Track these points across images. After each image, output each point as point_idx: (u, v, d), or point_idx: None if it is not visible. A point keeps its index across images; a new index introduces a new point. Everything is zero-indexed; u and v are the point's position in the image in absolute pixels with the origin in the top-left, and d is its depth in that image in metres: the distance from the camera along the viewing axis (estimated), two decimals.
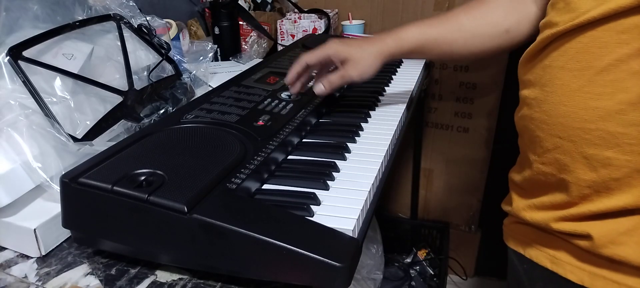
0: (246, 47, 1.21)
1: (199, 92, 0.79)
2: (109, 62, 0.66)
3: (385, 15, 1.34)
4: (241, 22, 1.20)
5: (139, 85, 0.67)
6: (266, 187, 0.51)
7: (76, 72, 0.60)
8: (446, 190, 1.51)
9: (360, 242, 0.43)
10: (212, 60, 1.00)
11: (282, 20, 1.25)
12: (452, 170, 1.46)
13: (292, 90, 0.70)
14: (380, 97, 0.81)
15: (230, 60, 1.14)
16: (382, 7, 1.33)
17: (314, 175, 0.52)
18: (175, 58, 0.79)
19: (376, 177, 0.53)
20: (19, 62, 0.54)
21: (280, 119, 0.61)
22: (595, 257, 0.47)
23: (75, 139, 0.55)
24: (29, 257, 0.51)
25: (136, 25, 0.72)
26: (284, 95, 0.70)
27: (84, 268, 0.48)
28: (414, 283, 1.39)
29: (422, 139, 1.45)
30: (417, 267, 1.44)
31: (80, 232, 0.48)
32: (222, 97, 0.67)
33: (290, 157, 0.58)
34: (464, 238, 1.53)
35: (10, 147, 0.52)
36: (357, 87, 0.86)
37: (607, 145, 0.43)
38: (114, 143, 0.52)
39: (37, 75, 0.56)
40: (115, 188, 0.43)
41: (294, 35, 1.24)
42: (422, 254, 1.48)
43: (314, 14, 1.29)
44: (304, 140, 0.63)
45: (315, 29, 1.23)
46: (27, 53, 0.56)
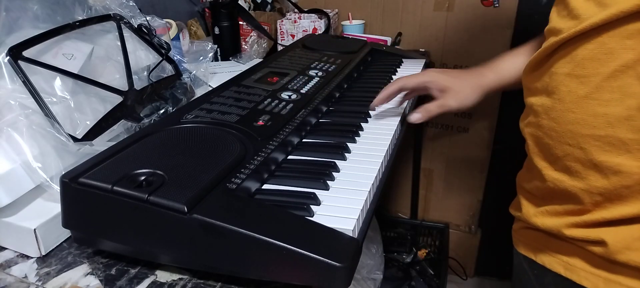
0: (246, 47, 1.21)
1: (199, 92, 0.79)
2: (109, 62, 0.66)
3: (385, 15, 1.34)
4: (241, 22, 1.20)
5: (139, 85, 0.67)
6: (266, 187, 0.51)
7: (76, 72, 0.60)
8: (446, 190, 1.51)
9: (360, 242, 0.43)
10: (212, 60, 1.00)
11: (282, 20, 1.25)
12: (452, 170, 1.46)
13: (377, 108, 0.71)
14: None
15: (230, 60, 1.14)
16: (382, 7, 1.34)
17: (314, 175, 0.52)
18: (175, 58, 0.79)
19: (376, 177, 0.53)
20: (19, 62, 0.54)
21: (280, 119, 0.61)
22: (610, 263, 0.46)
23: (75, 139, 0.55)
24: (29, 257, 0.50)
25: (136, 25, 0.72)
26: (284, 95, 0.70)
27: (84, 268, 0.48)
28: (414, 283, 1.39)
29: (422, 139, 1.45)
30: (417, 267, 1.44)
31: (80, 232, 0.48)
32: (222, 97, 0.67)
33: (290, 157, 0.58)
34: (464, 238, 1.53)
35: (10, 147, 0.52)
36: (357, 87, 0.86)
37: (617, 152, 0.43)
38: (114, 143, 0.52)
39: (37, 75, 0.56)
40: (115, 188, 0.43)
41: (294, 35, 1.24)
42: (422, 254, 1.48)
43: (314, 14, 1.29)
44: (304, 140, 0.63)
45: (315, 29, 1.23)
46: (27, 53, 0.56)
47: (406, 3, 1.30)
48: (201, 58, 0.95)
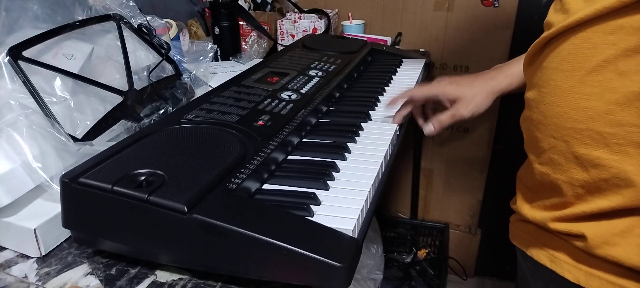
0: (246, 47, 1.21)
1: (199, 92, 0.79)
2: (109, 62, 0.66)
3: (385, 15, 1.34)
4: (241, 22, 1.20)
5: (139, 85, 0.67)
6: (266, 187, 0.51)
7: (76, 72, 0.60)
8: (446, 190, 1.51)
9: (360, 242, 0.43)
10: (212, 60, 1.00)
11: (282, 20, 1.25)
12: (452, 170, 1.46)
13: (392, 107, 0.71)
14: (380, 97, 0.81)
15: (230, 60, 1.14)
16: (382, 7, 1.34)
17: (314, 175, 0.52)
18: (175, 58, 0.79)
19: (376, 177, 0.53)
20: (19, 62, 0.54)
21: (280, 119, 0.61)
22: (590, 257, 0.47)
23: (75, 139, 0.55)
24: (29, 257, 0.51)
25: (136, 25, 0.72)
26: (284, 95, 0.70)
27: (84, 268, 0.48)
28: (414, 283, 1.39)
29: (422, 139, 1.45)
30: (417, 267, 1.44)
31: (80, 232, 0.48)
32: (222, 97, 0.67)
33: (290, 157, 0.58)
34: (464, 238, 1.54)
35: (10, 147, 0.52)
36: (357, 87, 0.86)
37: (596, 145, 0.43)
38: (114, 143, 0.52)
39: (37, 75, 0.56)
40: (115, 188, 0.43)
41: (294, 35, 1.24)
42: (422, 254, 1.48)
43: (314, 14, 1.29)
44: (304, 140, 0.63)
45: (315, 29, 1.23)
46: (27, 53, 0.56)
47: (406, 3, 1.30)
48: (201, 58, 0.95)
